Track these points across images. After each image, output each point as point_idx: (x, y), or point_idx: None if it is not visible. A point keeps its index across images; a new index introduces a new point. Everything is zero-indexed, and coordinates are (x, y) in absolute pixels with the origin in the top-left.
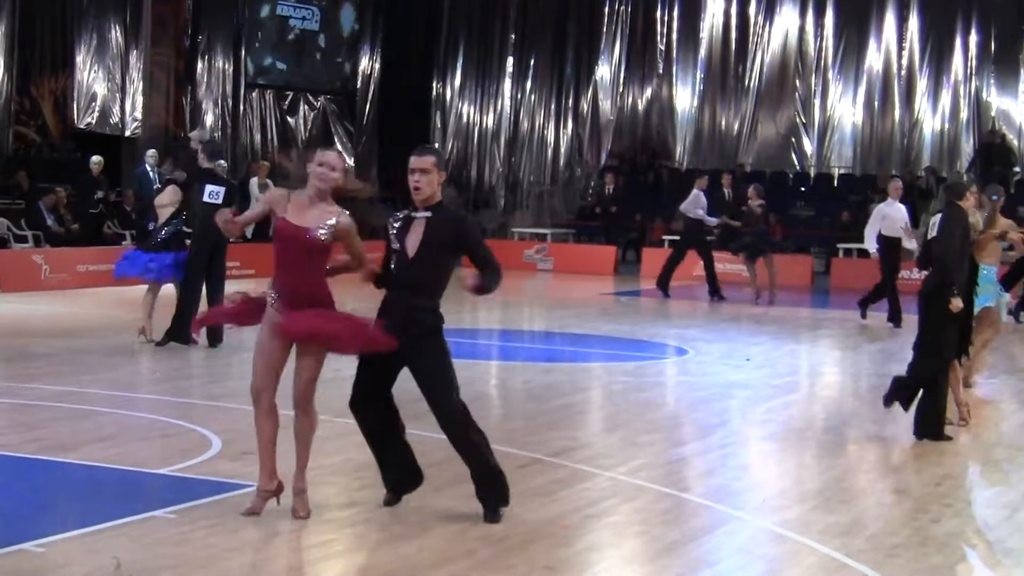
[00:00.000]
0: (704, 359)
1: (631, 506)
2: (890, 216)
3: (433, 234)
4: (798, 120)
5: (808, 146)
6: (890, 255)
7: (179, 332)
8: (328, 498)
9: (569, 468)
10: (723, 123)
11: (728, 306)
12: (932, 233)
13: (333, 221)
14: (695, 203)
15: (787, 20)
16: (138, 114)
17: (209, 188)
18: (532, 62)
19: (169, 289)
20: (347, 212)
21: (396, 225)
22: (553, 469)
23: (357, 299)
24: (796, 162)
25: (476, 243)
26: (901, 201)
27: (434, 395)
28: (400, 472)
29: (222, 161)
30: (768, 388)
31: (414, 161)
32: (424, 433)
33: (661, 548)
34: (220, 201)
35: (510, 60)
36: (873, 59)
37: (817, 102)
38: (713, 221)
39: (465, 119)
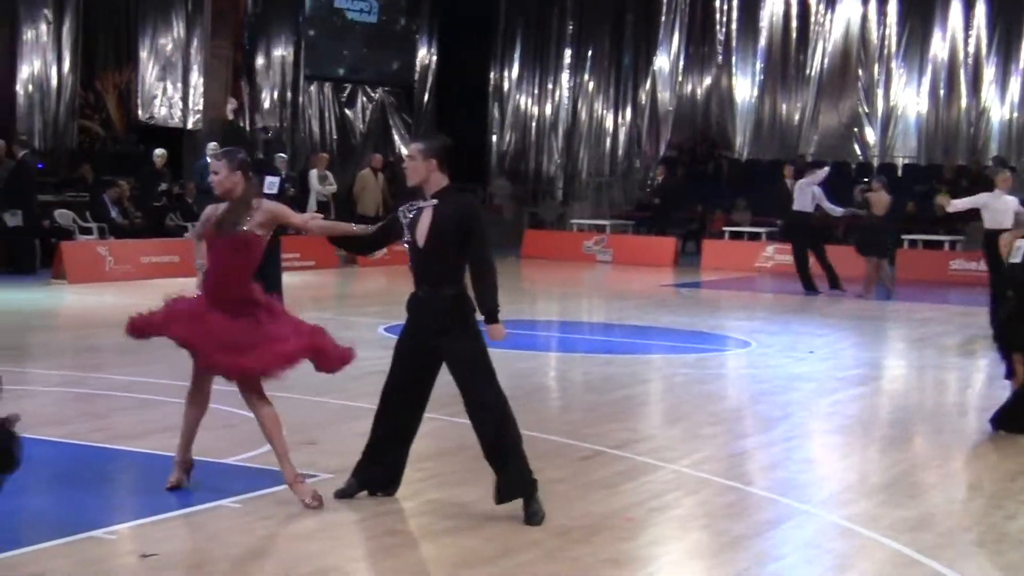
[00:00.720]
0: (767, 351)
1: (695, 499)
2: (993, 208)
3: (441, 220)
4: (860, 110)
5: (871, 136)
6: (992, 251)
7: None
8: None
9: (632, 460)
10: (784, 113)
11: (791, 298)
12: (1016, 258)
13: (250, 216)
14: (806, 196)
15: (849, 8)
16: (199, 107)
17: (268, 179)
18: (590, 52)
19: None
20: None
21: (409, 216)
22: (616, 461)
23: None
24: (859, 152)
25: (478, 234)
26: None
27: (469, 384)
28: (385, 473)
29: (283, 154)
30: (833, 381)
31: (406, 149)
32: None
33: (726, 542)
34: (276, 191)
35: (568, 51)
36: (938, 47)
37: (880, 91)
38: (839, 212)
39: (523, 110)
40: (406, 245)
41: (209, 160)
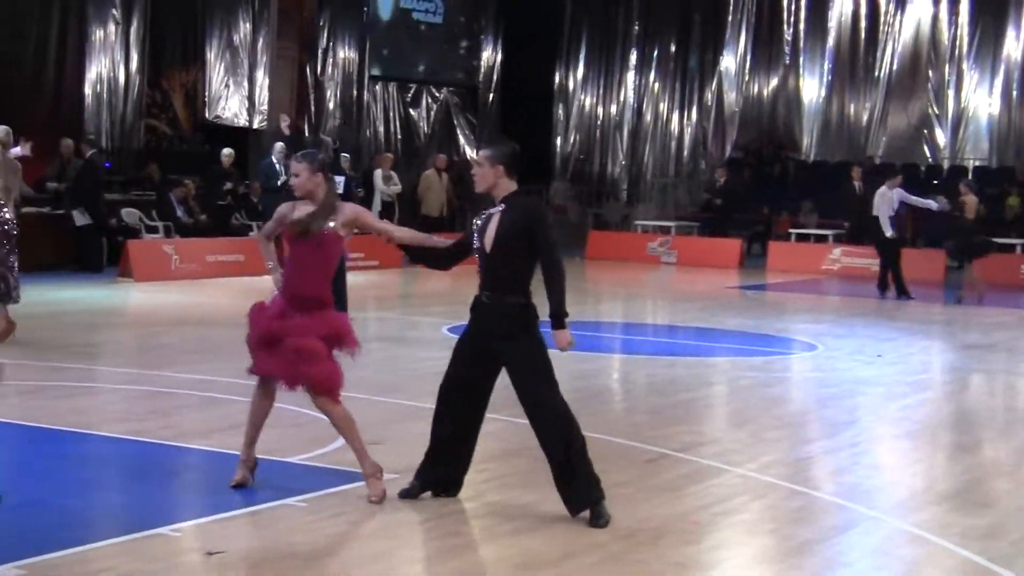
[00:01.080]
0: (834, 355)
1: (761, 503)
2: None
3: (507, 225)
4: (930, 111)
5: (941, 138)
6: None
7: None
8: None
9: (697, 464)
10: (851, 114)
11: (858, 301)
12: None
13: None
14: (884, 202)
15: (919, 8)
16: (264, 107)
17: (335, 179)
18: (656, 53)
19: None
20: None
21: (478, 223)
22: (681, 464)
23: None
24: (928, 154)
25: (542, 236)
26: None
27: (530, 388)
28: (447, 474)
29: (346, 154)
30: (901, 385)
31: (471, 149)
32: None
33: (793, 547)
34: (341, 191)
35: (633, 51)
36: (1011, 47)
37: (951, 92)
38: (933, 206)
39: (588, 110)
40: (475, 251)
41: (274, 160)
